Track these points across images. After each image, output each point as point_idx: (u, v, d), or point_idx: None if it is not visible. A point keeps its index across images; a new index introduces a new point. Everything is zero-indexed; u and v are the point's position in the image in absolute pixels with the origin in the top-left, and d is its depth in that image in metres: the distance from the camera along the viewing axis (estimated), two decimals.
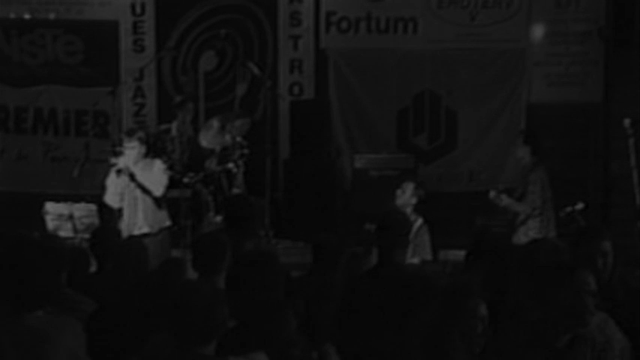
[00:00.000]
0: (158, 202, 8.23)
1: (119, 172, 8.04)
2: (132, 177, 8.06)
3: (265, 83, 9.89)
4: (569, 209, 8.33)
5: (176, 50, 10.41)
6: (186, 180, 9.03)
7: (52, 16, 10.35)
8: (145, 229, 8.12)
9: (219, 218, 8.87)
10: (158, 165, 8.31)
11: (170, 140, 9.40)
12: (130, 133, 8.32)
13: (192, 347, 3.48)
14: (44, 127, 10.49)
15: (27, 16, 10.33)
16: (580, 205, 8.32)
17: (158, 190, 8.17)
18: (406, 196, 7.91)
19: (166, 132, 9.51)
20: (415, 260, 7.93)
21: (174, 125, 9.51)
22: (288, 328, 3.86)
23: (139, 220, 8.16)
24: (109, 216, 8.52)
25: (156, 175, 8.20)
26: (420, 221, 7.87)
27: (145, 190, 8.13)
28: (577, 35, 10.62)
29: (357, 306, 4.95)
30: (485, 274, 4.68)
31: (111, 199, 8.23)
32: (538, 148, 8.27)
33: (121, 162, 8.08)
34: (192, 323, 3.47)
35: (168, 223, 8.36)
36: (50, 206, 8.63)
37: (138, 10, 10.40)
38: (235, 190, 9.28)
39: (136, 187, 8.11)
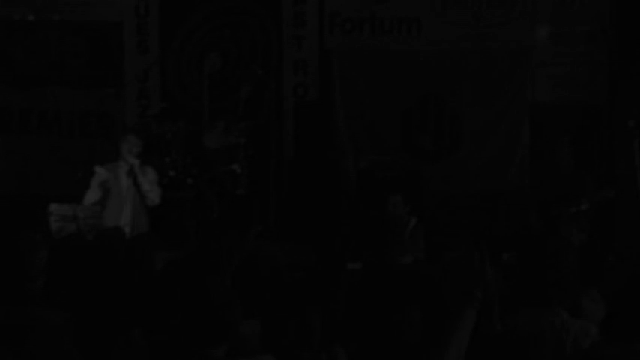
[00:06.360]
0: (147, 207, 8.20)
1: (130, 172, 8.04)
2: (135, 179, 8.06)
3: (269, 84, 9.90)
4: (573, 209, 8.35)
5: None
6: (190, 181, 9.02)
7: (56, 17, 10.36)
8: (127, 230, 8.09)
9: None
10: (152, 174, 8.29)
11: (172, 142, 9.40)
12: (136, 134, 8.32)
13: (202, 348, 3.46)
14: (49, 129, 10.49)
15: (31, 18, 10.34)
16: (585, 206, 8.33)
17: (157, 198, 8.16)
18: (399, 209, 8.16)
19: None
20: (408, 259, 8.01)
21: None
22: (298, 329, 3.85)
23: (122, 221, 8.12)
24: None
25: (153, 184, 8.20)
26: (414, 221, 7.97)
27: (141, 193, 8.11)
28: (581, 36, 10.59)
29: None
30: None
31: (90, 195, 8.19)
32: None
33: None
34: (203, 324, 3.45)
35: (147, 229, 8.30)
36: (54, 207, 8.63)
37: (142, 11, 10.40)
38: (239, 192, 9.29)
39: (136, 191, 8.09)
